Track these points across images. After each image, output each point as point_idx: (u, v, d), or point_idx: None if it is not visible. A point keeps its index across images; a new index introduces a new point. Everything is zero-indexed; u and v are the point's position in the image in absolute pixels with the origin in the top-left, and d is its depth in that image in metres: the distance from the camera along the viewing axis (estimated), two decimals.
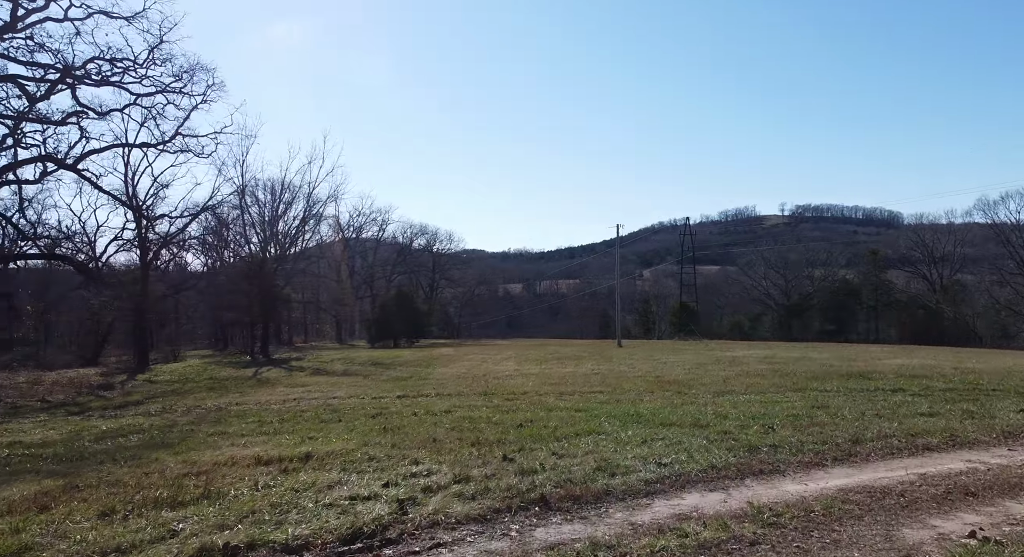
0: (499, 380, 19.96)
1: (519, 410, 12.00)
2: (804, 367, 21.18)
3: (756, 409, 11.55)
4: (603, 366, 24.38)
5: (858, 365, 21.60)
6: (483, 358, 29.78)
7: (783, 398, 13.58)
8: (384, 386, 19.03)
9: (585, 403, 13.16)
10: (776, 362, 23.93)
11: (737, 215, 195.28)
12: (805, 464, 7.21)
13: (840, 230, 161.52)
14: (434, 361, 29.13)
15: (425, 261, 71.82)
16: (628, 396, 14.62)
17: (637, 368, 22.96)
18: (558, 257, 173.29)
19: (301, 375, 24.75)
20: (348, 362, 29.79)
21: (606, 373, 21.40)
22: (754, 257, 72.52)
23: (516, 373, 22.57)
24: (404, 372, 24.42)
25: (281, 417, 12.31)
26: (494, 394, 15.89)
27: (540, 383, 18.49)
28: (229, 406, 15.49)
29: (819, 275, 64.64)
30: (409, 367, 26.92)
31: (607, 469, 6.78)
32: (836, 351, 33.67)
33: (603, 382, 18.20)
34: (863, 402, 12.56)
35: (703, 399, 13.67)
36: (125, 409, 16.21)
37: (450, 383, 19.26)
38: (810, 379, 17.16)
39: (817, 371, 19.36)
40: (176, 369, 28.90)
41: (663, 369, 21.97)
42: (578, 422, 10.16)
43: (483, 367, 25.40)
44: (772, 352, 31.06)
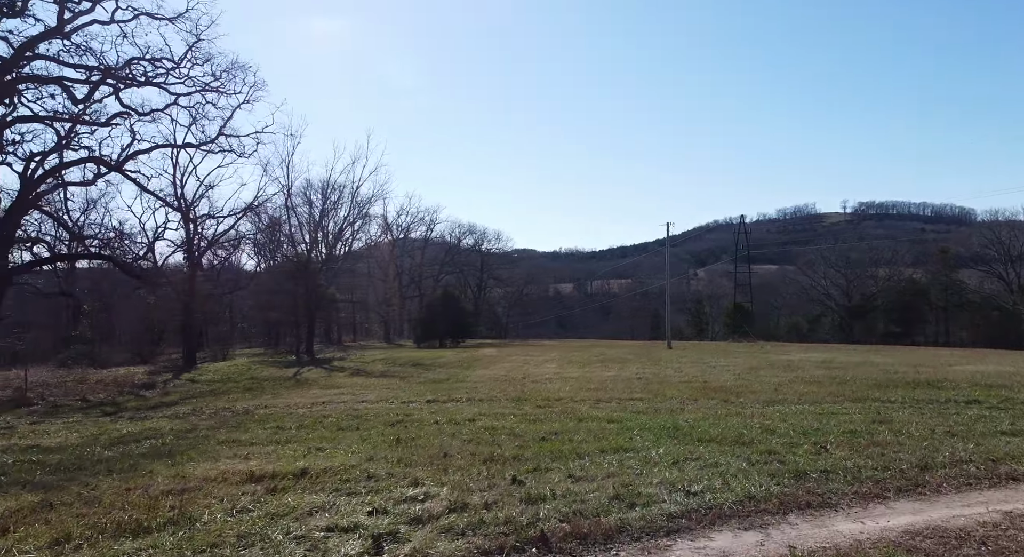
0: (536, 384, 19.16)
1: (547, 420, 11.18)
2: (865, 373, 19.64)
3: (808, 422, 10.42)
4: (648, 370, 23.30)
5: (926, 372, 19.91)
6: (525, 360, 29.03)
7: (840, 410, 12.35)
8: (417, 389, 18.47)
9: (621, 412, 12.23)
10: (835, 367, 22.38)
11: (796, 213, 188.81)
12: (862, 496, 6.16)
13: (906, 228, 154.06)
14: (475, 362, 28.53)
15: (473, 260, 71.48)
16: (669, 405, 13.60)
17: (684, 372, 21.80)
18: (609, 256, 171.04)
19: (340, 376, 24.49)
20: (389, 363, 29.49)
21: (650, 378, 20.35)
22: (814, 256, 69.40)
23: (556, 376, 21.72)
24: (442, 374, 23.87)
25: (301, 423, 11.82)
26: (527, 400, 15.11)
27: (578, 388, 17.61)
28: (257, 409, 15.16)
29: (883, 274, 61.37)
30: (449, 369, 26.39)
31: (626, 498, 5.89)
32: (902, 355, 31.57)
33: (645, 388, 17.19)
34: (932, 416, 11.25)
35: (750, 409, 12.56)
36: (157, 410, 16.11)
37: (484, 387, 18.56)
38: (871, 387, 15.74)
39: (880, 378, 17.85)
40: (221, 368, 29.18)
41: (711, 374, 20.76)
42: (607, 436, 9.27)
43: (523, 369, 24.65)
44: (831, 356, 29.28)
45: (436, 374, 24.04)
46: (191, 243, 31.42)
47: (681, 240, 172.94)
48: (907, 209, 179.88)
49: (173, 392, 21.34)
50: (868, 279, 61.94)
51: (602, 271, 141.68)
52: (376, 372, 25.36)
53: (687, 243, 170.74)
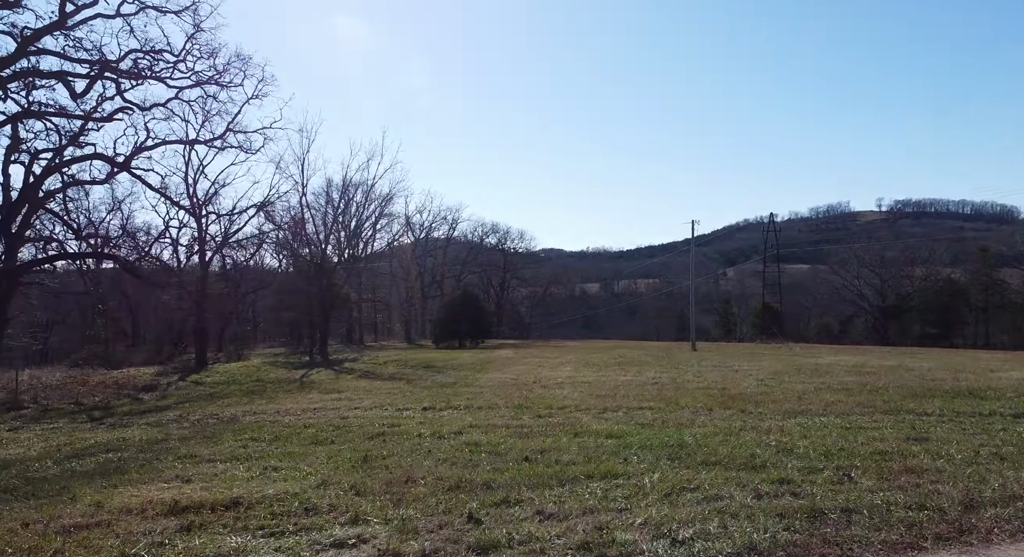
0: (544, 390, 18.09)
1: (540, 434, 10.11)
2: (900, 380, 18.14)
3: (832, 440, 9.18)
4: (667, 374, 22.05)
5: (967, 379, 18.33)
6: (540, 362, 27.94)
7: (870, 423, 11.06)
8: (419, 394, 17.53)
9: (624, 424, 11.10)
10: (866, 372, 20.84)
11: (829, 211, 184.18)
12: (892, 546, 4.97)
13: (944, 226, 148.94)
14: (488, 365, 27.55)
15: (496, 260, 70.54)
16: (680, 415, 12.43)
17: (704, 377, 20.50)
18: (637, 256, 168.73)
19: (347, 378, 23.71)
20: (402, 364, 28.67)
21: (667, 383, 19.14)
22: (847, 254, 66.92)
23: (568, 381, 20.62)
24: (451, 377, 22.93)
25: (279, 434, 10.94)
26: (529, 408, 14.06)
27: (588, 395, 16.50)
28: (246, 415, 14.38)
29: (920, 274, 58.84)
30: (461, 371, 25.45)
31: (596, 547, 4.80)
32: (939, 359, 29.74)
33: (659, 395, 16.00)
34: (975, 433, 9.91)
35: (768, 422, 11.33)
36: (144, 415, 15.45)
37: (490, 392, 17.55)
38: (906, 397, 14.31)
39: (915, 386, 16.37)
40: (231, 369, 28.67)
41: (732, 379, 19.44)
42: (599, 456, 8.17)
43: (536, 373, 23.57)
44: (863, 360, 27.63)
45: (446, 377, 23.11)
46: (202, 242, 31.08)
47: (710, 239, 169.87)
48: (945, 207, 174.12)
49: (172, 395, 20.77)
50: (904, 279, 59.47)
51: (628, 271, 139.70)
52: (385, 375, 24.53)
53: (716, 242, 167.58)
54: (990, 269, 55.35)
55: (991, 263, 55.61)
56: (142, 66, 22.07)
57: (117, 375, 25.60)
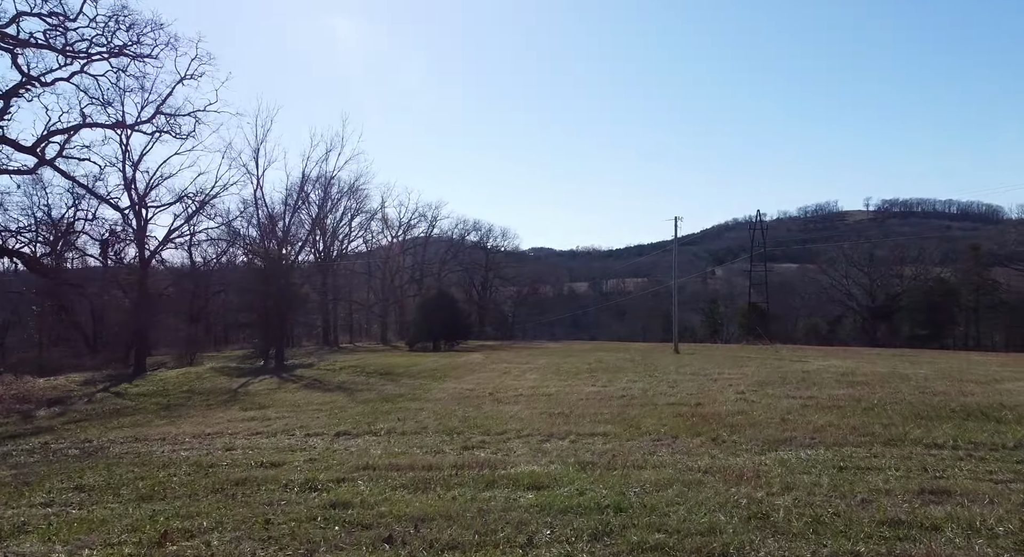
0: (496, 405, 15.69)
1: (444, 483, 7.63)
2: (896, 392, 15.78)
3: (823, 496, 6.78)
4: (640, 383, 19.63)
5: (972, 391, 15.97)
6: (508, 368, 25.51)
7: (870, 461, 8.70)
8: (348, 413, 15.07)
9: (562, 464, 8.67)
10: (858, 382, 18.45)
11: (817, 211, 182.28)
12: None
13: (932, 225, 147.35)
14: (451, 371, 25.12)
15: (478, 258, 67.99)
16: (637, 447, 10.03)
17: (679, 388, 18.10)
18: (626, 255, 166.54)
19: (288, 389, 21.25)
20: (357, 371, 26.18)
21: (637, 395, 16.75)
22: (835, 254, 64.72)
23: (528, 393, 18.21)
24: (403, 387, 20.49)
25: (111, 480, 8.46)
26: (462, 433, 11.65)
27: (540, 413, 14.10)
28: (124, 443, 11.95)
29: (909, 273, 56.69)
30: (418, 379, 23.02)
31: None
32: (934, 364, 27.47)
33: (622, 414, 13.59)
34: (1008, 478, 7.56)
35: (743, 458, 8.96)
36: (8, 442, 12.92)
37: (430, 410, 15.14)
38: (908, 419, 11.93)
39: (916, 402, 13.99)
40: (168, 378, 26.08)
41: (710, 391, 17.04)
42: (500, 529, 5.72)
43: (497, 382, 21.16)
44: (853, 365, 25.26)
45: (397, 387, 20.69)
46: (141, 237, 28.45)
47: (699, 238, 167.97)
48: (932, 207, 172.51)
49: (76, 411, 18.23)
50: (893, 278, 57.33)
51: (617, 270, 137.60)
52: (332, 384, 22.05)
53: (705, 241, 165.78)
54: (981, 268, 53.24)
55: (982, 262, 53.50)
56: (34, 32, 19.26)
57: (34, 384, 23.05)
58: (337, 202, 46.78)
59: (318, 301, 34.24)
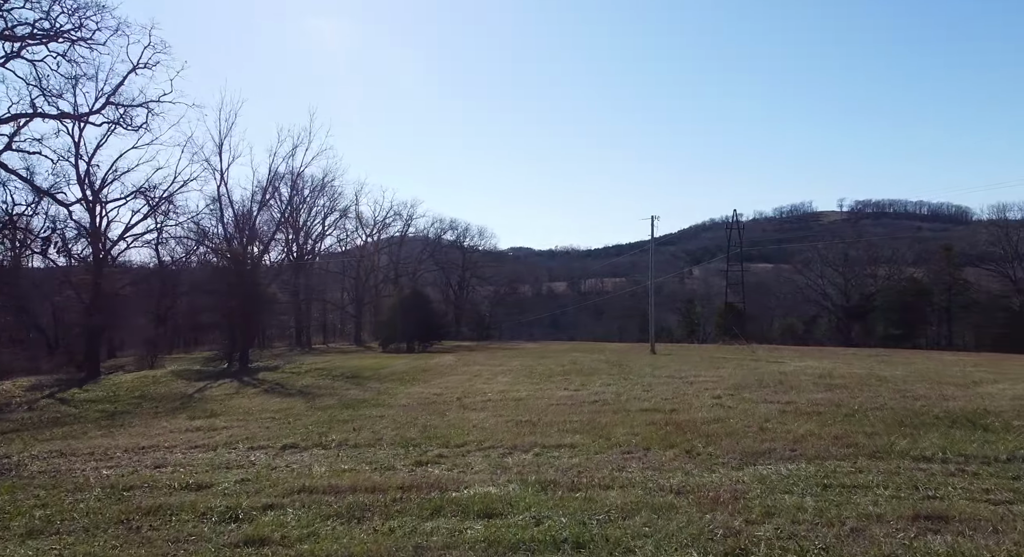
0: (462, 412, 14.81)
1: (385, 510, 6.73)
2: (877, 397, 15.15)
3: (808, 524, 6.00)
4: (614, 386, 18.86)
5: (953, 395, 15.41)
6: (479, 371, 24.61)
7: (856, 477, 7.96)
8: (303, 421, 14.06)
9: (521, 484, 7.81)
10: (837, 385, 17.86)
11: (792, 211, 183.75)
12: None
13: (903, 226, 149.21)
14: (421, 374, 24.16)
15: (455, 258, 66.90)
16: (605, 462, 9.22)
17: (654, 392, 17.34)
18: (605, 255, 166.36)
19: (246, 394, 20.15)
20: (323, 374, 25.11)
21: (610, 400, 15.97)
22: (811, 254, 64.73)
23: (497, 398, 17.35)
24: (368, 392, 19.51)
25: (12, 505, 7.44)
26: (419, 445, 10.76)
27: (507, 421, 13.25)
28: (58, 455, 10.84)
29: (883, 274, 56.78)
30: (385, 382, 22.03)
31: None
32: (911, 364, 27.14)
33: (592, 422, 12.77)
34: (1007, 498, 6.86)
35: (719, 475, 8.19)
36: None
37: (391, 418, 14.20)
38: (892, 427, 11.26)
39: (898, 408, 13.35)
40: (123, 382, 24.75)
41: (685, 396, 16.29)
42: None
43: (467, 386, 20.26)
44: (830, 366, 24.77)
45: (361, 392, 19.71)
46: (96, 235, 26.98)
47: (677, 238, 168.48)
48: (904, 208, 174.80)
49: (11, 420, 16.92)
50: (867, 278, 57.39)
51: (595, 269, 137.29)
52: (293, 389, 20.99)
53: (682, 241, 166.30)
54: (954, 268, 53.44)
55: (954, 262, 53.71)
56: None
57: None
58: (306, 199, 45.35)
59: (286, 301, 32.98)
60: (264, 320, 34.25)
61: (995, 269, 53.62)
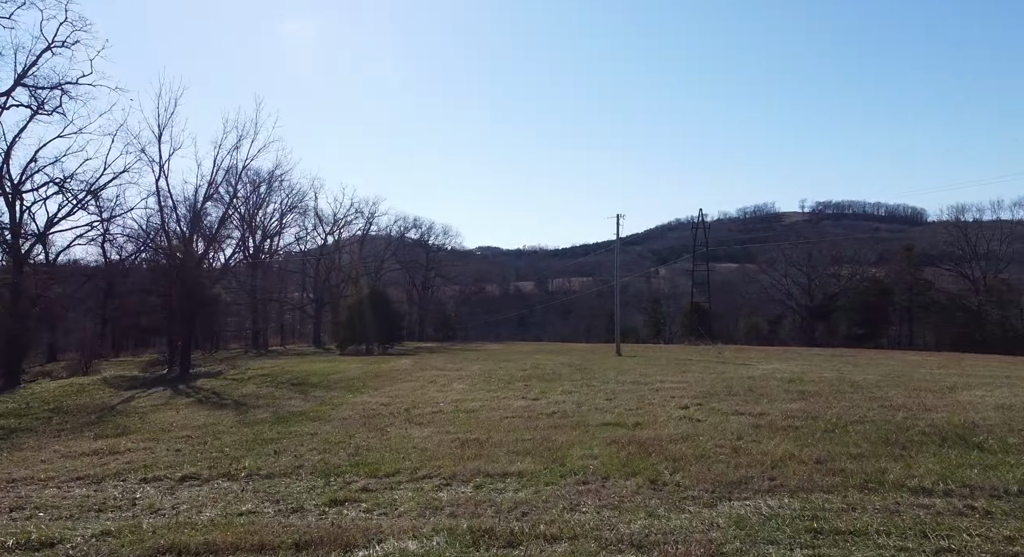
0: (404, 428, 13.22)
1: None
2: (854, 407, 13.99)
3: None
4: (575, 395, 17.46)
5: (933, 405, 14.28)
6: (435, 376, 22.99)
7: (848, 519, 6.60)
8: (219, 444, 12.28)
9: (442, 539, 6.26)
10: (809, 392, 16.69)
11: (756, 212, 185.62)
12: None
13: (862, 227, 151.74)
14: (373, 380, 22.47)
15: (418, 257, 64.93)
16: (555, 496, 7.75)
17: (617, 401, 15.97)
18: (572, 255, 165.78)
19: (176, 405, 18.21)
20: (268, 380, 23.22)
21: (570, 412, 14.54)
22: (776, 254, 64.46)
23: (451, 407, 15.81)
24: (308, 403, 17.76)
25: None
26: (341, 475, 9.17)
27: (454, 438, 11.73)
28: None
29: (846, 274, 56.66)
30: (331, 391, 20.29)
31: None
32: (878, 366, 26.35)
33: (547, 440, 11.31)
34: None
35: (688, 516, 6.77)
36: None
37: (325, 435, 12.55)
38: (878, 446, 10.00)
39: (880, 422, 12.14)
40: (44, 391, 22.45)
41: (650, 407, 14.94)
42: None
43: (418, 394, 18.65)
44: (799, 370, 23.77)
45: (302, 402, 17.96)
46: (16, 231, 24.53)
47: (643, 238, 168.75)
48: (862, 209, 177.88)
49: None
50: (830, 278, 57.22)
51: (561, 268, 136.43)
52: (229, 398, 19.10)
53: (649, 241, 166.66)
54: (914, 269, 53.49)
55: (915, 262, 53.77)
56: None
57: None
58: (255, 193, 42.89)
59: (231, 302, 30.78)
60: (208, 322, 32.01)
61: (954, 269, 53.85)
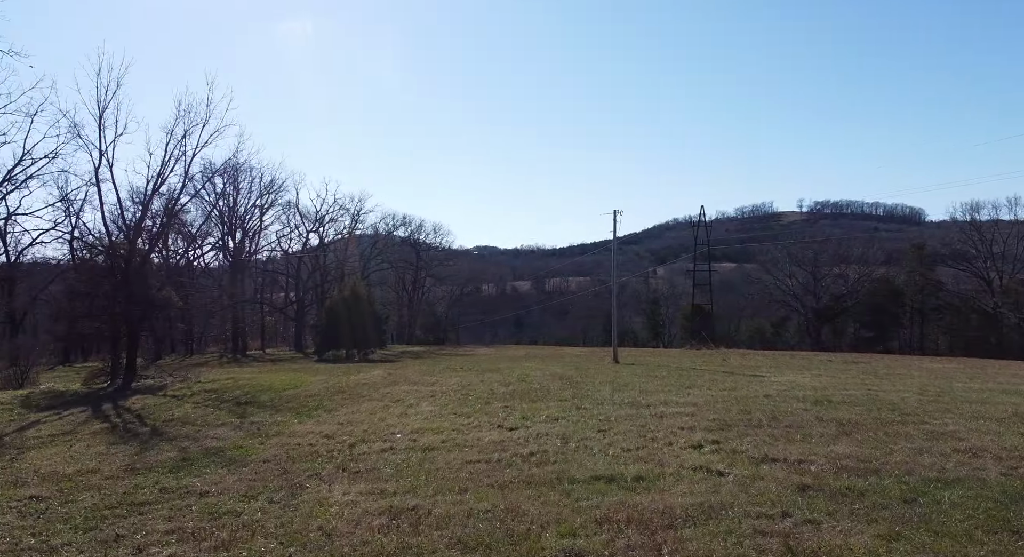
0: (328, 484, 9.79)
1: None
2: (921, 452, 10.55)
3: None
4: (560, 424, 13.95)
5: (1015, 445, 10.92)
6: (404, 393, 19.52)
7: None
8: (56, 516, 8.84)
9: None
10: (847, 423, 13.12)
11: (754, 211, 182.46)
12: None
13: (860, 227, 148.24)
14: (331, 398, 19.04)
15: (408, 256, 61.39)
16: None
17: (612, 436, 12.46)
18: (570, 254, 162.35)
19: (78, 436, 14.75)
20: (210, 398, 19.77)
21: (552, 453, 11.10)
22: (779, 253, 60.91)
23: (405, 444, 12.37)
24: (235, 434, 14.33)
25: None
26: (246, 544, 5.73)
27: (390, 501, 8.31)
28: None
29: (854, 274, 53.18)
30: (277, 413, 16.88)
31: None
32: (903, 378, 23.03)
33: (513, 510, 7.88)
34: None
35: None
36: None
37: (212, 502, 9.08)
38: (998, 533, 6.63)
39: (970, 481, 8.70)
40: None
41: (655, 442, 11.48)
42: None
43: (376, 420, 15.20)
44: (820, 385, 20.33)
45: (230, 432, 14.55)
46: None
47: (641, 237, 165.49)
48: (860, 208, 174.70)
49: None
50: (837, 279, 53.74)
51: (558, 268, 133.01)
52: (151, 425, 15.64)
53: (646, 240, 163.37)
54: (926, 268, 50.00)
55: (926, 262, 50.26)
56: None
57: None
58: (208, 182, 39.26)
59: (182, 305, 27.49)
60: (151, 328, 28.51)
61: (967, 269, 50.36)
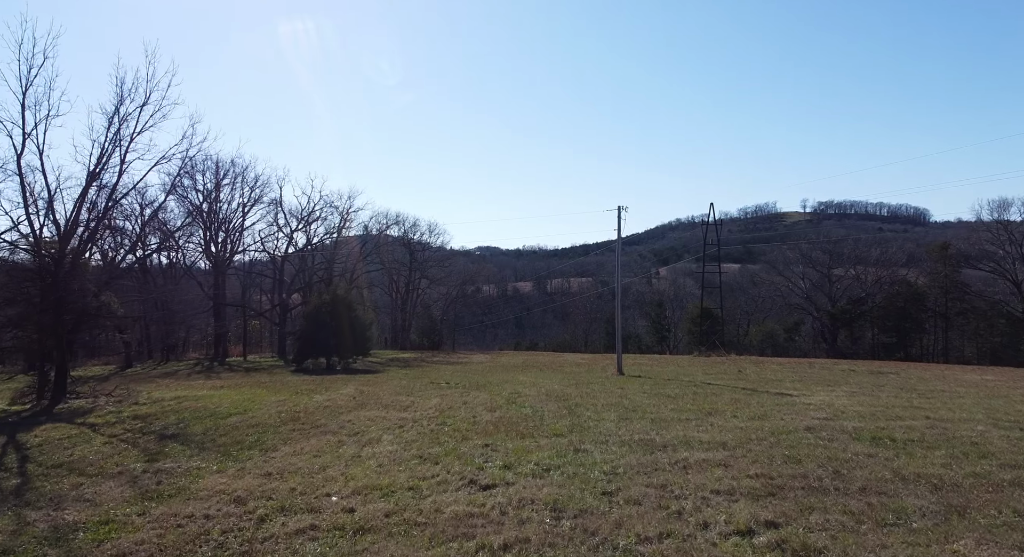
0: None
1: None
2: None
3: None
4: (552, 475, 10.27)
5: None
6: (367, 423, 15.88)
7: None
8: None
9: None
10: (936, 481, 9.56)
11: (757, 212, 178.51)
12: None
13: (865, 227, 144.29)
14: (278, 430, 15.39)
15: (401, 256, 57.85)
16: None
17: (620, 506, 8.79)
18: (572, 254, 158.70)
19: None
20: (134, 428, 16.15)
21: (536, 543, 7.44)
22: (791, 254, 57.09)
23: (339, 514, 8.71)
24: (128, 491, 10.69)
25: None
26: None
27: None
28: None
29: (872, 276, 49.37)
30: (204, 451, 13.23)
31: None
32: (952, 397, 19.35)
33: None
34: None
35: None
36: None
37: None
38: None
39: None
40: None
41: (680, 521, 7.86)
42: None
43: (322, 464, 11.49)
44: (867, 411, 16.65)
45: (121, 489, 10.93)
46: None
47: (644, 238, 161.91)
48: (864, 209, 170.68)
49: None
50: (854, 281, 49.91)
51: (560, 268, 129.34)
52: (38, 471, 12.05)
53: (649, 241, 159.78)
54: (951, 270, 46.11)
55: (952, 263, 46.38)
56: None
57: None
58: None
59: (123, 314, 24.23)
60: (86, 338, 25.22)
61: (996, 270, 46.49)
